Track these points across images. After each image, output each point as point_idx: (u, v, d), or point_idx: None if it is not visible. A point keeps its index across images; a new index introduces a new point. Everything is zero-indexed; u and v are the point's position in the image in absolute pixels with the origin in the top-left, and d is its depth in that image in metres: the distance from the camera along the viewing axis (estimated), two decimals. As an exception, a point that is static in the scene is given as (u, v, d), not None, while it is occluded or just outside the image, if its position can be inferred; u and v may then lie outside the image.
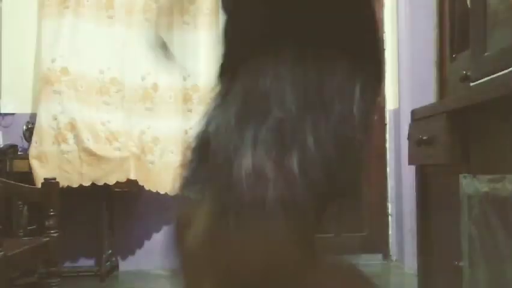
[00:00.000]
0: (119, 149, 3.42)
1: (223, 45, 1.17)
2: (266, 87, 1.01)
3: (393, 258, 3.77)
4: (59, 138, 3.38)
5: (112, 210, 3.57)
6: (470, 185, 1.43)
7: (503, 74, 1.35)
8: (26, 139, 3.48)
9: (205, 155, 1.05)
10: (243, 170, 0.95)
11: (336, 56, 1.03)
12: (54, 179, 2.54)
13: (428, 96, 2.76)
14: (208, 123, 1.17)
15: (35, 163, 3.33)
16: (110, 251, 3.53)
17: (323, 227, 1.08)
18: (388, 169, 3.85)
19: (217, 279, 1.02)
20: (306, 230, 1.00)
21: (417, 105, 2.04)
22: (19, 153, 3.41)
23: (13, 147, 3.37)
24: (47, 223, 2.41)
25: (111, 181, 3.35)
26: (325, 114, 0.99)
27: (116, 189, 3.43)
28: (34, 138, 3.39)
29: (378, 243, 3.83)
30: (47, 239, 2.37)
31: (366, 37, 1.10)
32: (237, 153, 0.96)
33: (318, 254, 1.05)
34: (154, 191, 3.54)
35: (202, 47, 3.70)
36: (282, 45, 1.03)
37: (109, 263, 3.49)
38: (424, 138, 1.81)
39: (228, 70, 1.15)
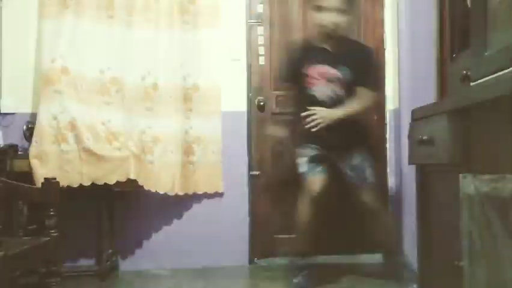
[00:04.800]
0: (119, 149, 3.42)
1: None
2: None
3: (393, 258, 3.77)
4: (59, 138, 3.37)
5: (112, 210, 3.57)
6: (470, 185, 1.43)
7: (503, 74, 1.35)
8: (26, 139, 3.48)
9: None
10: None
11: None
12: (55, 178, 2.54)
13: (428, 96, 2.76)
14: None
15: (35, 163, 3.33)
16: (110, 251, 3.54)
17: None
18: (388, 169, 3.85)
19: None
20: None
21: (417, 105, 2.04)
22: (19, 153, 3.40)
23: (13, 147, 3.37)
24: (47, 223, 2.41)
25: (111, 181, 3.35)
26: None
27: (116, 189, 3.43)
28: (34, 137, 3.39)
29: (378, 243, 3.83)
30: (47, 238, 2.37)
31: None
32: None
33: None
34: (154, 190, 3.54)
35: (202, 46, 3.70)
36: None
37: (109, 262, 3.49)
38: (424, 138, 1.81)
39: None
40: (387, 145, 3.85)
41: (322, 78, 3.08)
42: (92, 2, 3.55)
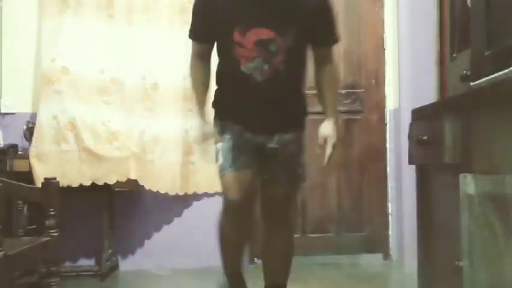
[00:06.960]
0: (119, 149, 3.42)
1: None
2: None
3: (393, 258, 3.78)
4: (59, 138, 3.38)
5: (112, 209, 3.57)
6: (470, 184, 1.43)
7: (503, 74, 1.35)
8: (26, 139, 3.47)
9: None
10: None
11: None
12: (55, 178, 2.53)
13: (428, 96, 2.76)
14: None
15: (35, 163, 3.33)
16: (110, 251, 3.53)
17: None
18: (388, 169, 3.85)
19: None
20: None
21: (417, 105, 2.04)
22: (19, 152, 3.41)
23: (13, 147, 3.37)
24: (47, 223, 2.41)
25: (111, 180, 3.35)
26: None
27: (116, 189, 3.43)
28: (34, 137, 3.39)
29: (378, 243, 3.83)
30: (47, 238, 2.37)
31: None
32: None
33: None
34: (154, 190, 3.54)
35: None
36: None
37: (109, 262, 3.49)
38: (424, 138, 1.81)
39: None
40: (387, 145, 3.85)
41: (254, 47, 2.05)
42: (92, 2, 3.55)
